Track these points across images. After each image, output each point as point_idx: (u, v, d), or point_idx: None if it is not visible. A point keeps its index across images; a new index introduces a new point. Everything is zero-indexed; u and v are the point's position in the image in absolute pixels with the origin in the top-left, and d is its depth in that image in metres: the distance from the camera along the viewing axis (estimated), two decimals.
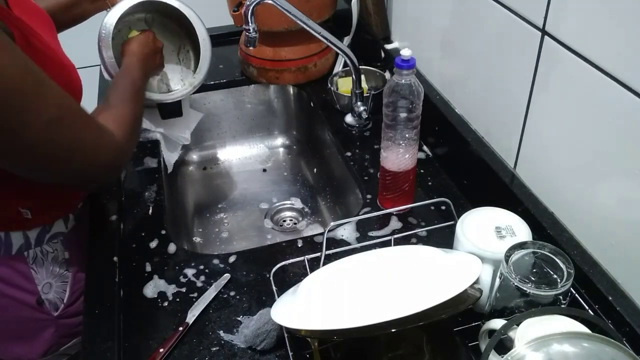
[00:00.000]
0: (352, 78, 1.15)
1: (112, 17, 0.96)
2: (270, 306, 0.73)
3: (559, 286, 0.63)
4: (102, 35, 0.96)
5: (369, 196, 1.00)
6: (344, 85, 1.22)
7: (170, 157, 1.13)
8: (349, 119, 1.21)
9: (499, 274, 0.68)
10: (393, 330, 0.59)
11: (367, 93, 1.18)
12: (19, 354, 0.90)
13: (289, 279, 0.85)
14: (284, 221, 1.23)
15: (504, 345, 0.65)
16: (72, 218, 0.90)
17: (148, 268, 0.88)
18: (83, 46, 1.07)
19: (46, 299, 0.88)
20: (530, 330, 0.61)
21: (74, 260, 0.90)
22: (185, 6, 1.03)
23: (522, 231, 0.75)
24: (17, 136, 0.63)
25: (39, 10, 0.87)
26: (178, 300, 0.83)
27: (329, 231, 0.90)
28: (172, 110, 1.11)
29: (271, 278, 0.80)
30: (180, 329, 0.78)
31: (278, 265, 0.81)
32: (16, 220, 0.82)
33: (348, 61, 1.14)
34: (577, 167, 0.75)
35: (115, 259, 0.88)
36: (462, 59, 0.99)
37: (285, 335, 0.75)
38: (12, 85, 0.61)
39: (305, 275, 0.76)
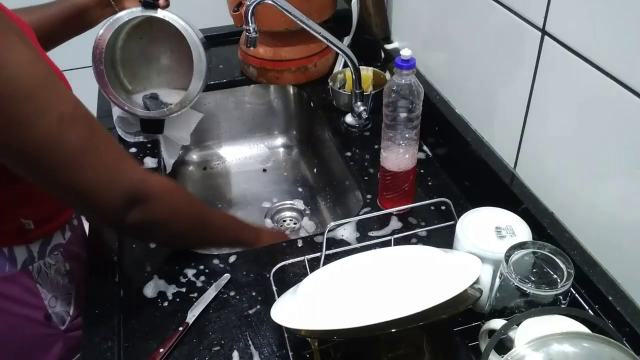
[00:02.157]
0: (352, 78, 1.15)
1: (107, 31, 0.97)
2: (270, 306, 0.73)
3: (559, 286, 0.64)
4: (97, 44, 0.97)
5: (369, 196, 1.00)
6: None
7: (169, 156, 1.13)
8: (349, 119, 1.21)
9: (499, 274, 0.68)
10: (393, 330, 0.59)
11: (367, 92, 1.18)
12: None
13: (289, 279, 0.85)
14: (284, 221, 1.23)
15: (504, 345, 0.65)
16: (67, 228, 0.89)
17: (148, 268, 0.88)
18: (83, 47, 1.07)
19: (53, 313, 0.86)
20: (530, 330, 0.61)
21: (74, 271, 0.89)
22: (185, 25, 1.00)
23: (522, 231, 0.75)
24: (26, 127, 0.60)
25: (19, 19, 0.85)
26: (178, 300, 0.83)
27: (329, 231, 0.89)
28: (153, 126, 1.07)
29: (271, 278, 0.80)
30: (180, 329, 0.78)
31: (278, 265, 0.81)
32: (19, 234, 0.80)
33: (348, 61, 1.14)
34: (577, 167, 0.75)
35: (115, 259, 0.88)
36: (462, 59, 0.99)
37: (285, 335, 0.75)
38: (26, 72, 0.59)
39: (305, 275, 0.76)
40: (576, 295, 0.71)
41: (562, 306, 0.65)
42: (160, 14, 0.98)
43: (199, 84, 1.03)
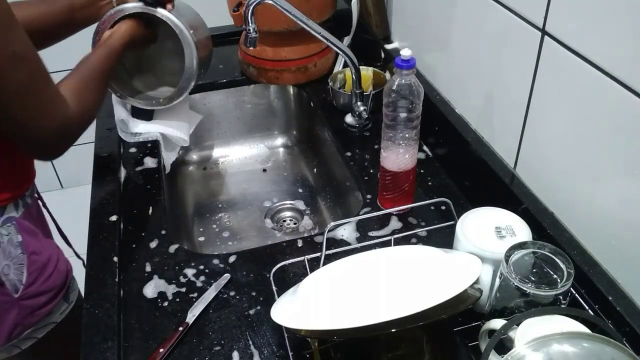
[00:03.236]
0: (352, 78, 1.15)
1: (108, 19, 0.98)
2: (270, 306, 0.73)
3: (559, 286, 0.64)
4: (98, 30, 0.98)
5: (369, 196, 1.00)
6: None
7: (168, 157, 1.13)
8: (349, 119, 1.21)
9: (499, 274, 0.68)
10: (393, 330, 0.59)
11: (367, 92, 1.18)
12: None
13: (289, 279, 0.85)
14: (284, 221, 1.23)
15: (504, 345, 0.65)
16: (21, 204, 0.90)
17: (148, 268, 0.88)
18: (83, 47, 1.07)
19: (6, 280, 0.87)
20: (530, 330, 0.61)
21: (26, 243, 0.90)
22: (180, 24, 1.01)
23: (522, 231, 0.75)
24: None
25: None
26: (178, 300, 0.83)
27: (329, 231, 0.89)
28: (141, 113, 1.12)
29: (271, 278, 0.80)
30: (180, 329, 0.78)
31: (278, 265, 0.81)
32: None
33: (348, 61, 1.14)
34: (577, 167, 0.75)
35: (115, 259, 0.88)
36: (462, 59, 0.99)
37: (285, 335, 0.75)
38: None
39: (305, 275, 0.76)
40: (576, 295, 0.71)
41: (562, 306, 0.65)
42: (159, 12, 0.99)
43: (189, 83, 1.05)
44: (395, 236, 0.87)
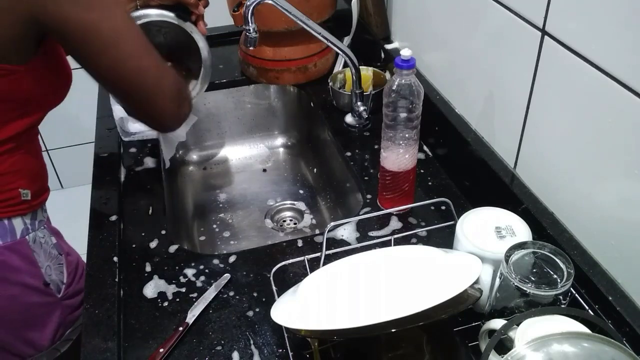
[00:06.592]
0: (352, 78, 1.15)
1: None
2: (270, 306, 0.73)
3: (559, 286, 0.64)
4: None
5: (369, 196, 1.00)
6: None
7: (167, 152, 1.14)
8: (349, 119, 1.21)
9: (499, 274, 0.68)
10: (393, 330, 0.59)
11: (367, 92, 1.18)
12: (32, 341, 0.91)
13: (289, 279, 0.85)
14: (284, 221, 1.23)
15: (504, 345, 0.65)
16: (45, 209, 0.93)
17: (148, 268, 0.88)
18: None
19: (50, 281, 0.89)
20: (530, 330, 0.61)
21: (60, 244, 0.93)
22: (205, 46, 1.03)
23: (522, 231, 0.75)
24: (108, 11, 0.72)
25: None
26: (178, 300, 0.83)
27: (329, 231, 0.89)
28: None
29: (271, 278, 0.80)
30: (180, 329, 0.78)
31: (278, 265, 0.81)
32: (16, 203, 0.83)
33: (348, 61, 1.14)
34: (577, 167, 0.75)
35: (115, 259, 0.88)
36: (462, 59, 0.99)
37: (285, 335, 0.75)
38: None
39: (305, 275, 0.76)
40: (576, 295, 0.71)
41: (562, 306, 0.66)
42: (189, 27, 1.00)
43: (209, 73, 1.07)
44: (395, 236, 0.87)
